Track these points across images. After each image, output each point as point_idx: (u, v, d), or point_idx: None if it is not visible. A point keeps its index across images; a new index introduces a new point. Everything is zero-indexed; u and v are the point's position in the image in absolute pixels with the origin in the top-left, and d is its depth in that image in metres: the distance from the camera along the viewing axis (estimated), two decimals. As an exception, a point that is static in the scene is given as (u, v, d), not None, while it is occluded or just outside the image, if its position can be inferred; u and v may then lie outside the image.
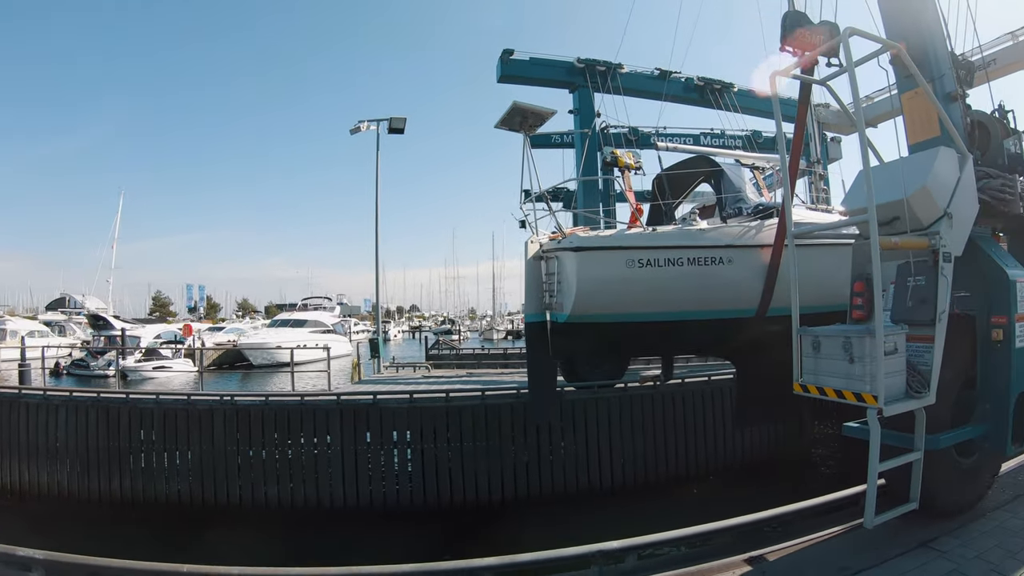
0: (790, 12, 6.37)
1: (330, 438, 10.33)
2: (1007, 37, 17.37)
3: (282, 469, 10.32)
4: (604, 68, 18.18)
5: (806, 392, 4.99)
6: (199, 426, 10.57)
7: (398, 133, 18.65)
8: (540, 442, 10.41)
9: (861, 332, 4.42)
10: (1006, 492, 6.09)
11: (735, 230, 8.31)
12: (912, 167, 5.11)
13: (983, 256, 5.47)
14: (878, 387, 4.16)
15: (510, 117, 9.28)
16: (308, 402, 10.57)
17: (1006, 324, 5.25)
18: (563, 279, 8.04)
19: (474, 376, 15.87)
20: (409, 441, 10.30)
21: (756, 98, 20.58)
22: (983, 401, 5.36)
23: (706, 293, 7.98)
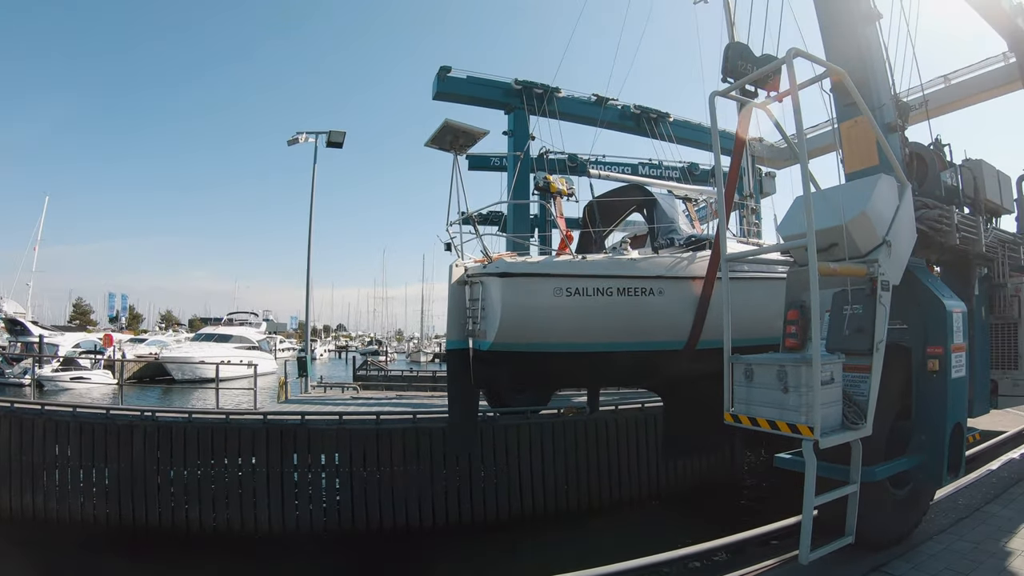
0: (732, 44, 6.45)
1: (255, 459, 9.87)
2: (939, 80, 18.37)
3: (204, 490, 9.82)
4: (541, 91, 18.12)
5: (737, 423, 4.80)
6: (118, 442, 10.03)
7: (336, 147, 18.34)
8: (472, 468, 10.20)
9: (796, 361, 4.28)
10: (948, 515, 6.10)
11: (667, 261, 8.20)
12: (852, 193, 5.07)
13: (920, 286, 5.47)
14: (814, 418, 4.01)
15: (441, 135, 9.04)
16: (233, 421, 10.12)
17: (942, 354, 5.23)
18: (487, 305, 7.72)
19: (403, 399, 15.66)
20: (338, 464, 9.89)
21: (691, 128, 21.12)
22: (918, 432, 5.30)
23: (635, 325, 7.82)
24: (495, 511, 10.21)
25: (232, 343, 36.14)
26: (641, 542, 8.19)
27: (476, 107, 18.91)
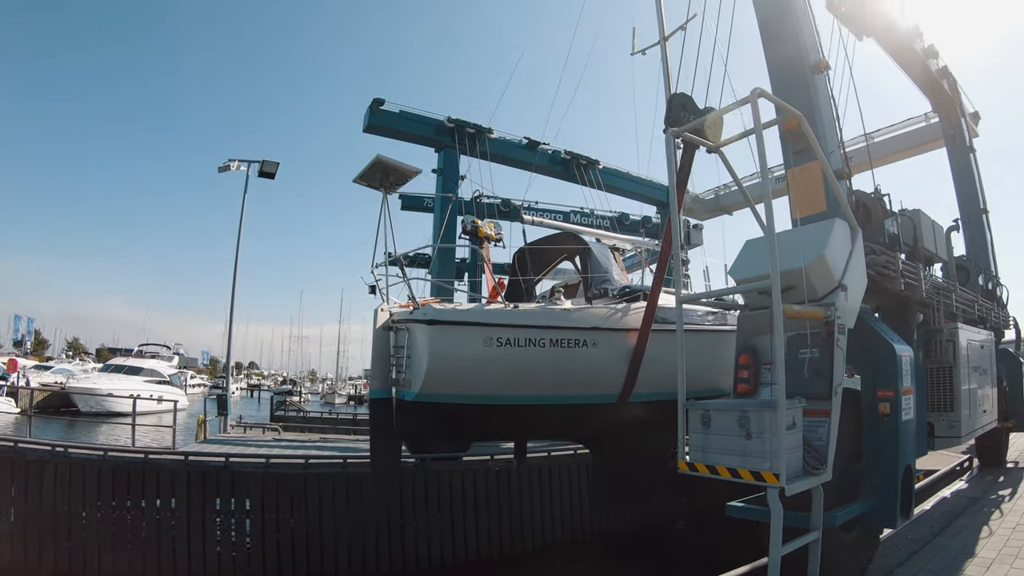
0: (676, 94, 6.57)
1: (175, 502, 9.18)
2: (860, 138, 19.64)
3: (120, 535, 9.03)
4: (474, 130, 18.01)
5: (693, 471, 4.70)
6: (26, 479, 9.10)
7: (268, 177, 17.74)
8: (404, 514, 9.86)
9: (759, 406, 4.25)
10: (901, 550, 6.19)
11: (601, 312, 8.03)
12: (808, 237, 5.18)
13: (869, 331, 5.61)
14: (779, 465, 3.95)
15: (371, 172, 8.66)
16: (153, 460, 9.37)
17: (893, 397, 5.34)
18: (413, 354, 7.33)
19: (328, 442, 15.03)
20: (263, 509, 9.31)
21: (620, 176, 21.72)
22: (870, 475, 5.36)
23: (568, 377, 7.60)
24: (426, 558, 9.89)
25: (143, 376, 34.77)
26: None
27: (407, 143, 18.62)
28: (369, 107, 16.73)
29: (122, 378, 32.36)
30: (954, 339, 7.67)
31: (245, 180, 17.18)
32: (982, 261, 11.53)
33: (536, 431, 9.87)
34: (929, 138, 16.70)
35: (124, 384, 30.18)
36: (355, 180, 9.24)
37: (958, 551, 6.07)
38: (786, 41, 6.56)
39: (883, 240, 6.51)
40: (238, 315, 69.07)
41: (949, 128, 13.19)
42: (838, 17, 8.55)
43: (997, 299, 11.19)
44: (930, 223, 7.78)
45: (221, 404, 16.19)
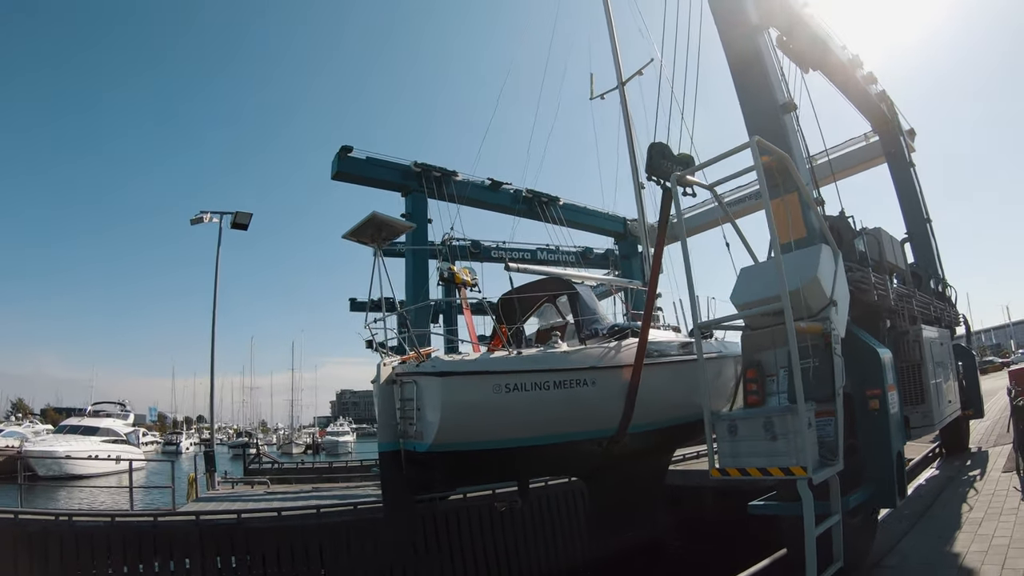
0: (655, 144, 7.33)
1: (189, 563, 9.31)
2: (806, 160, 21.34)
3: None
4: (439, 174, 18.78)
5: (725, 475, 5.45)
6: (30, 551, 8.91)
7: (241, 229, 17.85)
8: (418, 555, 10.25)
9: (782, 411, 5.03)
10: (903, 523, 7.26)
11: (596, 351, 8.57)
12: (800, 261, 6.02)
13: (854, 338, 6.50)
14: (806, 459, 4.72)
15: (363, 228, 9.11)
16: (163, 523, 9.50)
17: (880, 394, 6.22)
18: (424, 406, 7.60)
19: (321, 490, 15.10)
20: (279, 562, 9.56)
21: (579, 211, 22.86)
22: (869, 464, 6.20)
23: (571, 415, 8.07)
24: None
25: (100, 436, 33.96)
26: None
27: (374, 188, 19.13)
28: (337, 154, 17.28)
29: (79, 439, 31.42)
30: (919, 339, 8.70)
31: (219, 232, 17.26)
32: (931, 266, 12.87)
33: (541, 470, 10.38)
34: (870, 156, 18.38)
35: (81, 445, 29.39)
36: (345, 236, 9.64)
37: (951, 517, 7.17)
38: (758, 86, 7.53)
39: (855, 257, 7.49)
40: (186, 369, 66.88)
41: (889, 146, 14.67)
42: (787, 54, 9.68)
43: (947, 299, 12.50)
44: (889, 239, 8.89)
45: (209, 460, 15.99)
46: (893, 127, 14.25)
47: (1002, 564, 5.57)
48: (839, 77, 12.11)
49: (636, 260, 24.17)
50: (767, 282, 6.04)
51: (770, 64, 7.68)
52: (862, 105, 13.49)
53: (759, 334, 6.30)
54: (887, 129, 14.43)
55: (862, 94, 13.02)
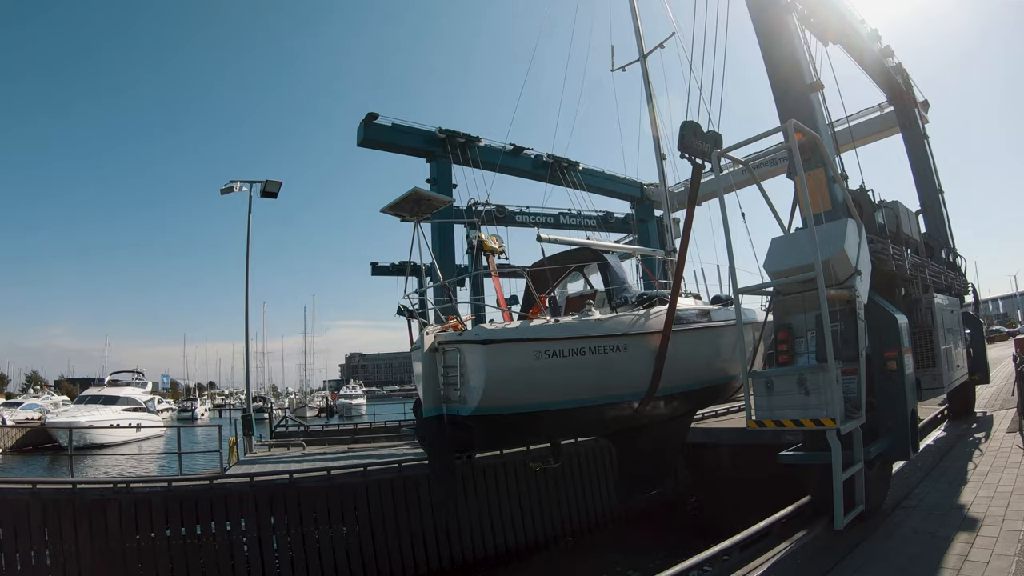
0: (687, 122, 7.68)
1: (245, 523, 10.03)
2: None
3: (192, 561, 9.68)
4: (463, 140, 19.12)
5: (761, 427, 6.10)
6: (89, 520, 9.46)
7: (271, 197, 18.20)
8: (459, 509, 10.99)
9: (814, 368, 5.63)
10: (917, 473, 8.17)
11: (627, 319, 9.10)
12: (829, 233, 6.55)
13: (875, 305, 7.07)
14: (835, 411, 5.34)
15: (402, 203, 9.54)
16: (218, 485, 10.13)
17: (897, 356, 6.82)
18: (467, 372, 8.08)
19: (355, 451, 15.92)
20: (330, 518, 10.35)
21: (598, 176, 23.32)
22: (886, 420, 6.83)
23: (604, 380, 8.66)
24: (481, 547, 11.12)
25: (119, 405, 34.72)
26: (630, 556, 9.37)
27: (399, 155, 19.57)
28: (363, 121, 17.58)
29: (100, 408, 32.15)
30: (931, 307, 9.28)
31: (248, 201, 17.55)
32: (942, 236, 13.40)
33: (575, 431, 11.16)
34: (885, 126, 18.74)
35: (103, 415, 30.17)
36: (384, 210, 10.18)
37: (960, 469, 8.01)
38: (787, 67, 7.96)
39: (875, 230, 8.02)
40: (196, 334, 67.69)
41: (904, 118, 15.05)
42: (809, 28, 10.05)
43: (957, 269, 13.07)
44: (906, 212, 9.42)
45: (247, 424, 16.66)
46: (908, 99, 14.62)
47: (1006, 507, 6.29)
48: (857, 50, 12.45)
49: (652, 223, 24.85)
50: (798, 252, 6.62)
51: (799, 45, 8.10)
52: (878, 77, 13.84)
53: (789, 299, 6.88)
54: (902, 101, 14.79)
55: (879, 66, 13.38)
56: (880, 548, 5.69)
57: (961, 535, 5.79)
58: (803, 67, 7.99)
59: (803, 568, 5.43)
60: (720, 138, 7.78)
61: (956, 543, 5.59)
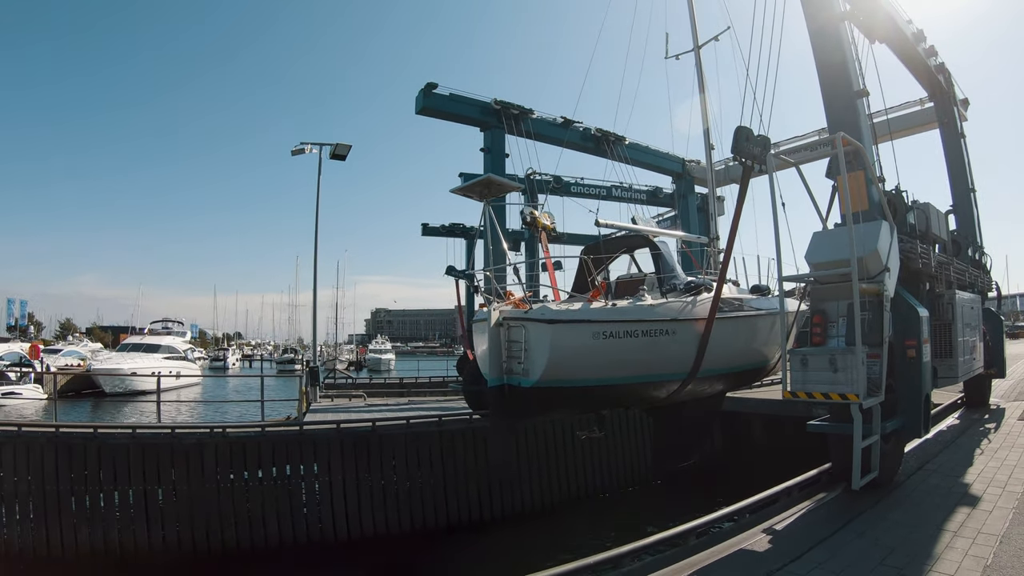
0: (741, 128, 8.32)
1: (331, 466, 11.32)
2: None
3: (282, 500, 10.96)
4: (517, 111, 19.95)
5: (795, 397, 7.17)
6: (186, 461, 10.70)
7: (340, 159, 19.20)
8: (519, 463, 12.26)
9: (844, 351, 6.67)
10: (935, 447, 9.48)
11: (676, 305, 10.00)
12: (864, 234, 7.48)
13: (900, 298, 8.04)
14: (860, 388, 6.39)
15: (473, 187, 10.52)
16: (308, 431, 11.52)
17: (917, 345, 7.82)
18: (532, 347, 8.89)
19: (416, 404, 17.30)
20: (407, 465, 11.75)
21: (642, 151, 24.16)
22: (903, 401, 7.86)
23: (653, 360, 9.61)
24: (540, 498, 12.60)
25: (160, 353, 36.38)
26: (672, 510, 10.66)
27: (455, 123, 20.52)
28: (422, 90, 18.54)
29: (142, 356, 33.74)
30: (952, 302, 10.20)
31: (319, 162, 18.57)
32: (970, 235, 14.21)
33: (622, 404, 12.31)
34: (924, 121, 19.34)
35: (145, 363, 31.61)
36: (455, 191, 11.20)
37: (973, 446, 9.35)
38: (838, 75, 8.79)
39: (906, 229, 8.94)
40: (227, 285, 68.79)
41: (943, 116, 15.70)
42: (858, 27, 10.80)
43: (982, 267, 13.91)
44: (936, 213, 10.27)
45: (314, 376, 17.91)
46: (948, 97, 15.26)
47: (1009, 475, 7.61)
48: (902, 49, 13.14)
49: (693, 198, 25.85)
50: (836, 246, 7.60)
51: (849, 53, 8.91)
52: (921, 75, 14.50)
53: (825, 288, 7.89)
54: (943, 99, 15.44)
55: (922, 65, 14.02)
56: (902, 498, 7.02)
57: (970, 492, 7.11)
58: (852, 75, 8.81)
59: (833, 514, 6.62)
60: (769, 141, 8.66)
61: (966, 496, 6.93)
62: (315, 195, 18.52)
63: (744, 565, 5.36)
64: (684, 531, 6.34)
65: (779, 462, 9.97)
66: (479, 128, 20.23)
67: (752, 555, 5.57)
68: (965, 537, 5.70)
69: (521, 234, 21.76)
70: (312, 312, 20.11)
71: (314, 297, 19.63)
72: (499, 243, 11.54)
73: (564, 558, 5.62)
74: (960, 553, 5.30)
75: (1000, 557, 5.18)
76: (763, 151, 7.93)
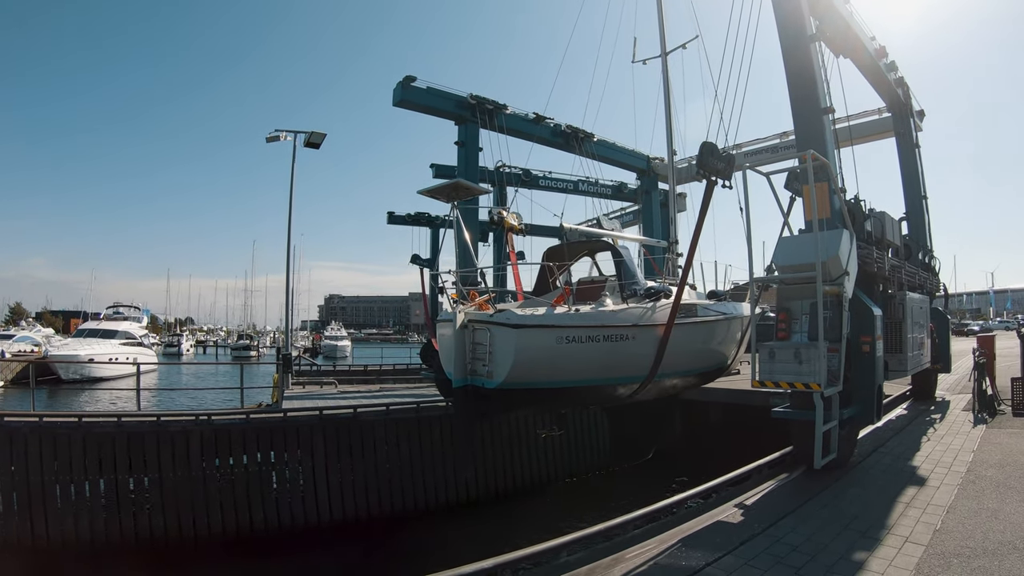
0: (706, 143, 8.64)
1: (314, 453, 11.87)
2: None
3: (265, 486, 11.44)
4: (492, 107, 20.50)
5: (763, 387, 8.08)
6: (172, 448, 10.99)
7: (314, 148, 19.49)
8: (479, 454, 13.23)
9: (808, 345, 7.58)
10: (886, 433, 10.60)
11: (637, 311, 10.63)
12: (827, 240, 8.39)
13: (856, 298, 9.01)
14: (821, 378, 7.32)
15: (442, 189, 10.99)
16: (292, 418, 12.00)
17: (871, 341, 8.80)
18: (497, 350, 9.24)
19: (386, 391, 17.95)
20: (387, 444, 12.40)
21: (609, 147, 25.20)
22: (857, 391, 8.84)
23: (614, 363, 10.21)
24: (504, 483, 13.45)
25: (118, 339, 35.98)
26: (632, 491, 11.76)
27: (430, 116, 20.94)
28: (400, 83, 18.93)
29: (99, 342, 33.40)
30: (903, 302, 11.31)
31: (293, 150, 18.92)
32: (922, 239, 15.49)
33: (582, 404, 13.24)
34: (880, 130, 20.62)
35: (102, 349, 31.47)
36: (423, 192, 11.70)
37: (922, 432, 10.54)
38: (807, 92, 9.69)
39: (864, 236, 9.93)
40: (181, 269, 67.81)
41: (900, 126, 16.97)
42: (824, 41, 11.75)
43: (931, 269, 15.19)
44: (891, 220, 11.36)
45: (287, 363, 18.23)
46: (906, 109, 16.50)
47: (954, 457, 8.79)
48: (865, 63, 14.24)
49: (656, 194, 27.06)
50: (800, 251, 8.53)
51: (819, 74, 9.83)
52: (881, 88, 15.66)
53: (790, 288, 8.82)
54: (900, 110, 16.67)
55: (883, 79, 15.17)
56: (860, 477, 8.05)
57: (919, 472, 8.18)
58: (820, 93, 9.74)
59: (797, 491, 7.54)
60: (734, 158, 9.44)
61: (915, 475, 8.00)
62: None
63: (726, 531, 6.19)
64: (666, 505, 7.17)
65: (738, 446, 11.00)
66: (454, 122, 20.68)
67: (730, 525, 6.41)
68: (917, 507, 6.70)
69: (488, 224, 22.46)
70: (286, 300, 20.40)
71: (287, 282, 20.08)
72: (466, 246, 12.15)
73: (546, 537, 6.21)
74: (913, 520, 6.27)
75: (947, 523, 6.16)
76: (727, 166, 8.68)
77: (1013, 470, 8.09)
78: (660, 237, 26.09)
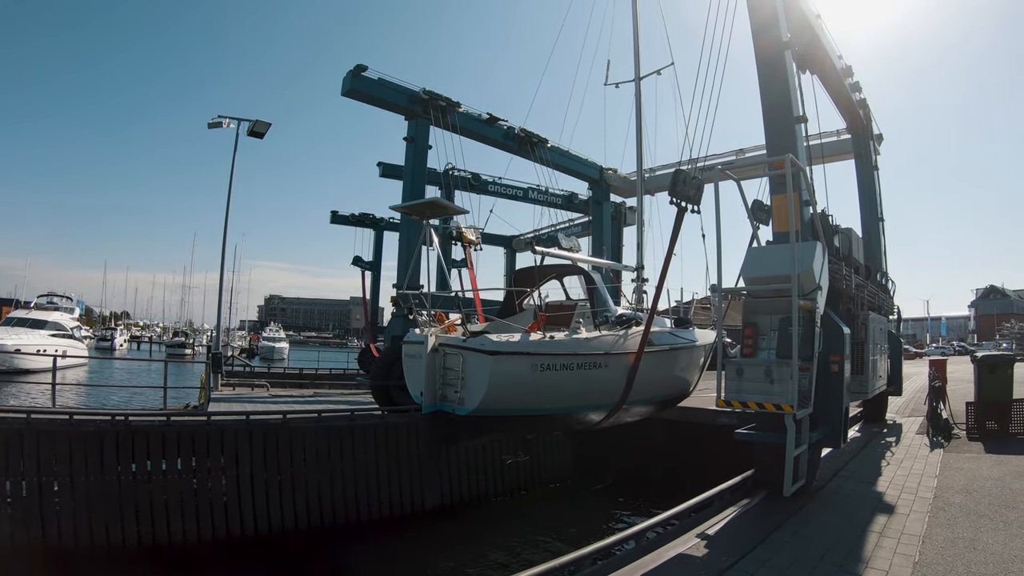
0: (679, 171, 8.38)
1: (239, 460, 10.94)
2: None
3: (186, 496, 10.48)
4: (444, 103, 19.74)
5: (729, 406, 7.59)
6: (84, 450, 9.97)
7: (257, 137, 18.55)
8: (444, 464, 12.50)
9: (779, 362, 7.12)
10: (845, 456, 10.16)
11: (610, 339, 10.40)
12: (801, 252, 7.99)
13: (827, 316, 8.68)
14: (793, 399, 6.85)
15: (418, 207, 10.67)
16: (216, 422, 11.00)
17: (839, 360, 8.45)
18: (470, 376, 8.93)
19: (320, 396, 17.20)
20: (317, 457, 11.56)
21: (563, 155, 24.88)
22: (824, 412, 8.46)
23: (586, 390, 10.00)
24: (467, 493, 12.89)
25: (47, 330, 34.03)
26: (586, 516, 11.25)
27: (380, 109, 20.12)
28: (350, 72, 17.91)
29: (27, 332, 31.30)
30: (866, 323, 11.12)
31: (235, 138, 17.95)
32: (878, 261, 15.52)
33: (550, 431, 12.96)
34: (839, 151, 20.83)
35: (30, 339, 29.56)
36: (396, 208, 11.14)
37: (879, 455, 10.25)
38: (781, 101, 9.38)
39: (832, 251, 9.65)
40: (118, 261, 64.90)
41: (859, 148, 17.07)
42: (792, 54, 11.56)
43: (887, 291, 15.22)
44: (856, 238, 11.19)
45: (216, 363, 17.04)
46: (866, 131, 16.60)
47: (918, 482, 8.40)
48: (830, 81, 14.18)
49: (607, 205, 26.79)
50: (771, 263, 8.12)
51: (792, 81, 9.54)
52: (844, 107, 15.68)
53: (757, 302, 8.39)
54: (860, 132, 16.76)
55: (847, 99, 15.19)
56: (825, 503, 7.60)
57: (886, 497, 7.87)
58: (794, 100, 9.44)
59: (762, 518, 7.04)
60: (703, 184, 8.96)
61: (883, 501, 7.67)
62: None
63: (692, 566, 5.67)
64: (622, 538, 6.57)
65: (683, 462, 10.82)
66: (404, 117, 19.87)
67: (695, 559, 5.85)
68: (891, 537, 6.29)
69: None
70: (218, 295, 19.32)
71: (220, 279, 19.12)
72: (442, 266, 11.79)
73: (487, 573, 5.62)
74: (890, 552, 5.86)
75: (926, 555, 5.77)
76: (697, 192, 8.31)
77: (981, 496, 7.82)
78: (610, 249, 25.92)
